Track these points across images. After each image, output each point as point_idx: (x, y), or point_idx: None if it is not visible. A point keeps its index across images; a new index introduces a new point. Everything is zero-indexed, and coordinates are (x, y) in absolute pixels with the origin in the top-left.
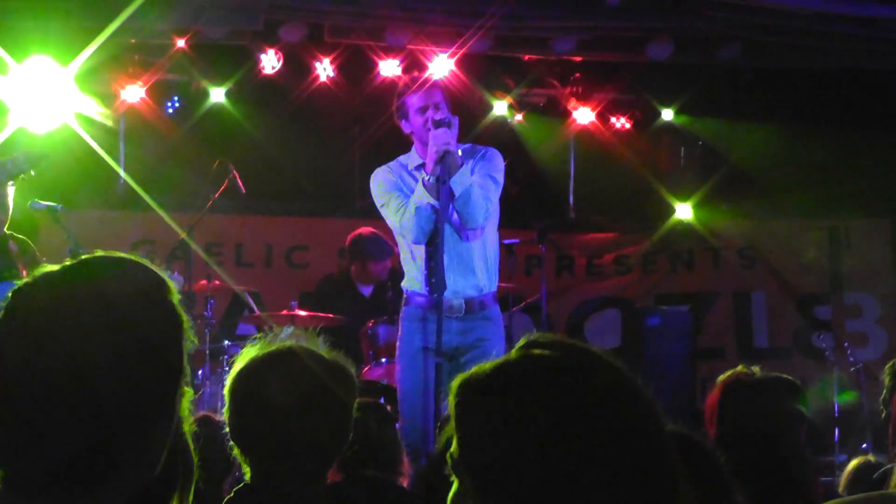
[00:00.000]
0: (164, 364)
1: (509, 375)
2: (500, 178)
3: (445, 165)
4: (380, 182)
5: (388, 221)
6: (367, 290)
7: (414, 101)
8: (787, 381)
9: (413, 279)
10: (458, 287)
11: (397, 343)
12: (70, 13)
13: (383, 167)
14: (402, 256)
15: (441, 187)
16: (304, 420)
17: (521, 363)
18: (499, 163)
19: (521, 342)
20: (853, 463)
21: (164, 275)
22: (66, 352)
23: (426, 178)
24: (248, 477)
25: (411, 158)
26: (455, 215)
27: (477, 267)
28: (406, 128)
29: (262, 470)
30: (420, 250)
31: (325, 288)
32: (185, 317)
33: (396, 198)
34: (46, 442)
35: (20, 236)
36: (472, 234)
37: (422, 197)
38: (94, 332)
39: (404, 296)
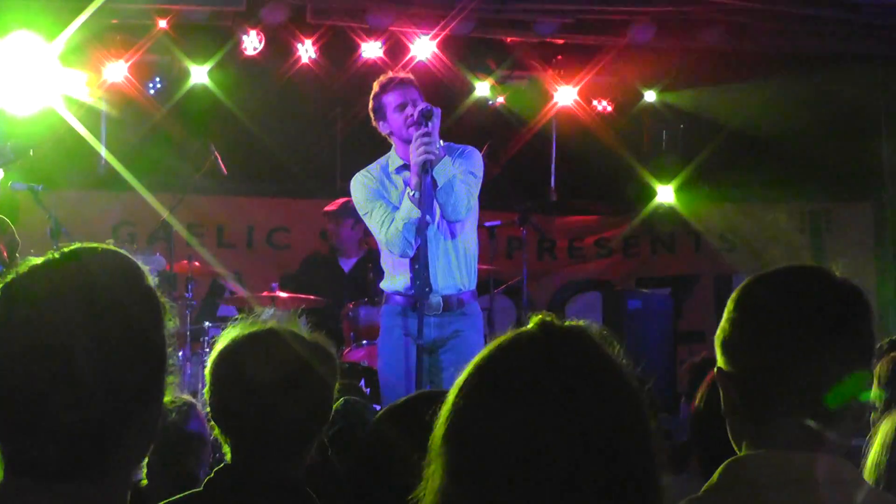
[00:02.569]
0: (149, 349)
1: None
2: (480, 174)
3: (428, 177)
4: (361, 189)
5: (371, 230)
6: (347, 265)
7: (390, 99)
8: None
9: (394, 278)
10: (436, 285)
11: (379, 339)
12: None
13: (363, 172)
14: (382, 255)
15: (424, 182)
16: (285, 399)
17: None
18: (477, 160)
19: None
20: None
21: (139, 261)
22: (54, 343)
23: (411, 194)
24: (228, 458)
25: (392, 159)
26: (437, 212)
27: (456, 265)
28: (384, 128)
29: (242, 450)
30: None
31: (309, 265)
32: (164, 300)
33: (380, 207)
34: (41, 430)
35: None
36: (452, 230)
37: (409, 212)
38: (79, 322)
39: (384, 294)
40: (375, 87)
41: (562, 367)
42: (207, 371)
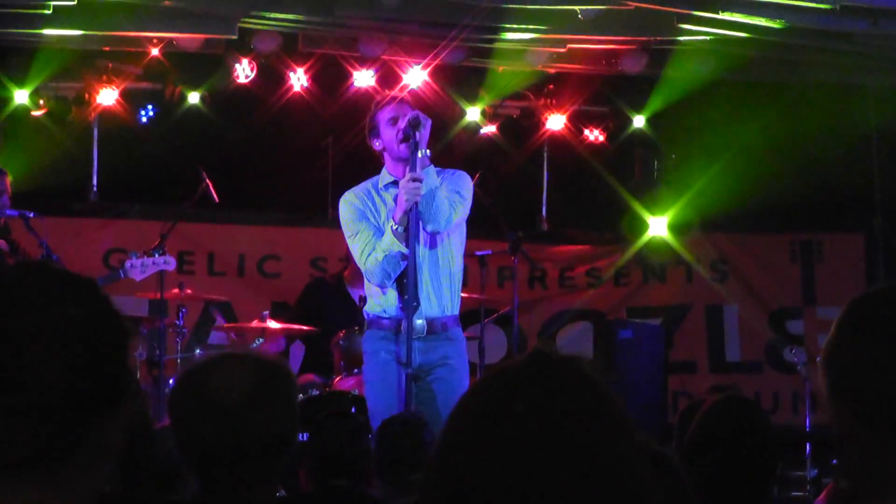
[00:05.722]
0: (105, 366)
1: None
2: (467, 196)
3: (413, 215)
4: (348, 210)
5: (352, 253)
6: (356, 294)
7: (384, 114)
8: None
9: (376, 303)
10: (420, 307)
11: (364, 365)
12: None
13: (351, 192)
14: (367, 280)
15: (410, 217)
16: (247, 418)
17: None
18: (466, 182)
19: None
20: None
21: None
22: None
23: (395, 227)
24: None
25: (382, 177)
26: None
27: (440, 288)
28: (377, 145)
29: (210, 477)
30: None
31: (314, 292)
32: (122, 318)
33: (364, 232)
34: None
35: (11, 238)
36: (436, 254)
37: (391, 245)
38: (35, 338)
39: (367, 320)
40: (373, 106)
41: (554, 399)
42: (168, 400)
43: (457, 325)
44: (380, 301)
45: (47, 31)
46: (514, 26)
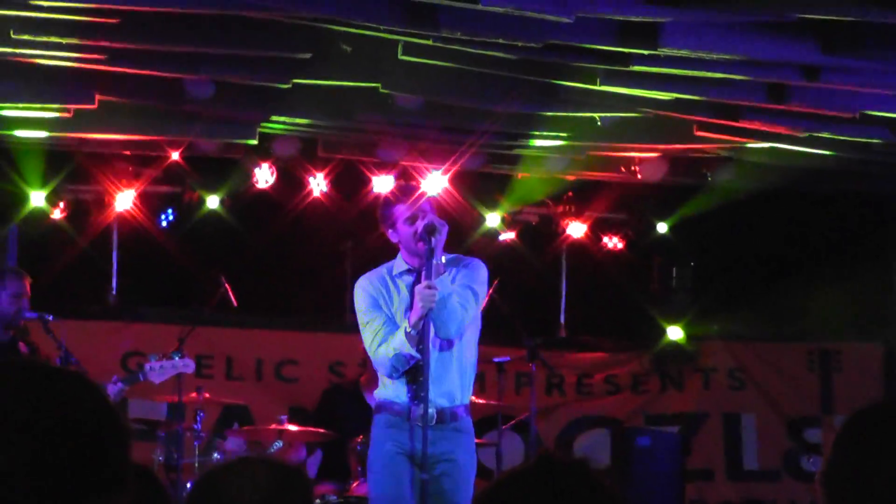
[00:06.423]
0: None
1: None
2: (481, 289)
3: (428, 320)
4: (362, 296)
5: (363, 339)
6: (373, 401)
7: (401, 210)
8: None
9: (387, 386)
10: (430, 395)
11: (369, 451)
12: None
13: (365, 279)
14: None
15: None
16: None
17: None
18: (481, 274)
19: None
20: None
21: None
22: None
23: (409, 331)
24: None
25: (397, 265)
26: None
27: (451, 377)
28: (393, 237)
29: None
30: None
31: (331, 398)
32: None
33: (376, 320)
34: None
35: (29, 340)
36: (448, 343)
37: (402, 346)
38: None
39: (375, 404)
40: (388, 195)
41: (561, 501)
42: (186, 502)
43: (467, 414)
44: (390, 387)
45: (67, 134)
46: (534, 132)
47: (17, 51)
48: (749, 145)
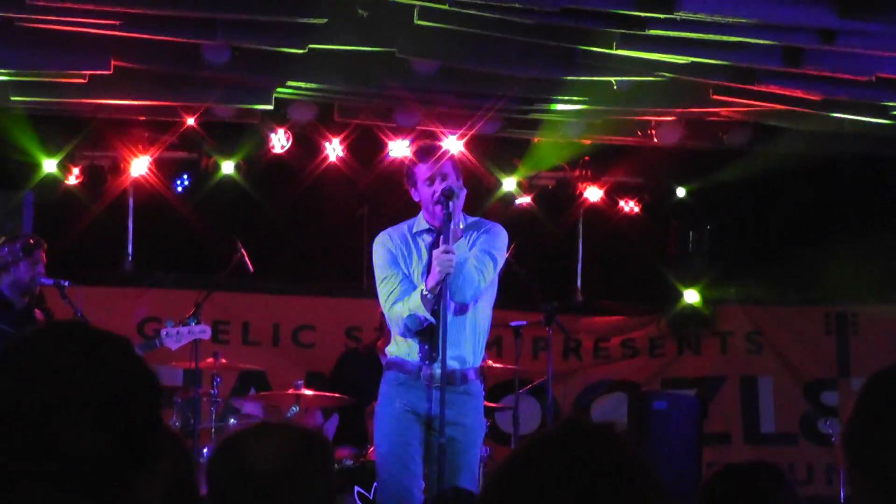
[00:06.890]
0: (136, 428)
1: None
2: (500, 255)
3: (445, 283)
4: (381, 252)
5: (378, 294)
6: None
7: (422, 170)
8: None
9: (399, 344)
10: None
11: (377, 407)
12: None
13: (385, 234)
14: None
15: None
16: (284, 488)
17: None
18: (500, 239)
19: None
20: None
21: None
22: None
23: (425, 293)
24: None
25: (418, 223)
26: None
27: (464, 339)
28: (415, 195)
29: None
30: None
31: (347, 362)
32: (153, 377)
33: (393, 278)
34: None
35: (45, 307)
36: (463, 307)
37: (417, 307)
38: (66, 404)
39: (386, 361)
40: (410, 153)
41: (586, 466)
42: (206, 469)
43: (477, 377)
44: (402, 345)
45: (83, 100)
46: (550, 97)
47: (33, 17)
48: (765, 109)
